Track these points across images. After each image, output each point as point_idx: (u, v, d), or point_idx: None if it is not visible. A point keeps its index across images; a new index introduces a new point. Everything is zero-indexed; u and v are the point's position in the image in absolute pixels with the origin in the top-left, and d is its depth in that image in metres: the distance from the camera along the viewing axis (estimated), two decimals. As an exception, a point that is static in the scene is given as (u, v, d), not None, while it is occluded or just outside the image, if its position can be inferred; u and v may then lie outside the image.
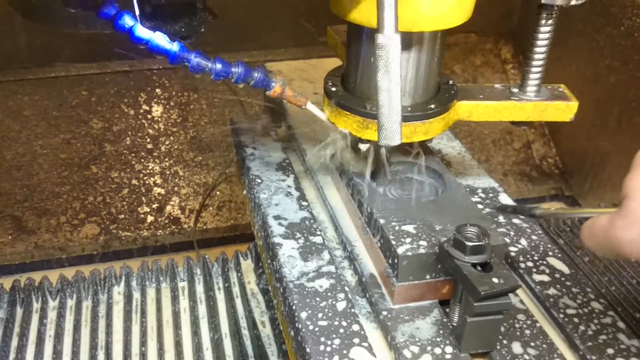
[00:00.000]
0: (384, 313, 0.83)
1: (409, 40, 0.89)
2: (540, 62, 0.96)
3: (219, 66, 0.88)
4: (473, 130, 2.36)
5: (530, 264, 0.93)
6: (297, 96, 0.97)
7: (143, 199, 2.02)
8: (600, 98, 2.28)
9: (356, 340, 0.79)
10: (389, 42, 0.76)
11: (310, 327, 0.81)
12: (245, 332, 1.38)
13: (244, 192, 1.21)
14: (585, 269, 1.46)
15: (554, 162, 2.44)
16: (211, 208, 2.04)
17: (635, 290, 1.38)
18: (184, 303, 1.45)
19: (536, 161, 2.40)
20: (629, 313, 1.32)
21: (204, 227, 2.00)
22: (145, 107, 2.16)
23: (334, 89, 0.98)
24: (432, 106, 0.94)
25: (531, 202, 2.40)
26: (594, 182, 2.38)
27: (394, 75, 0.78)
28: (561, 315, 0.84)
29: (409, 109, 0.93)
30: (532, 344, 0.79)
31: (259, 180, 1.12)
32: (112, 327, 1.38)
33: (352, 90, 0.97)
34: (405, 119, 0.89)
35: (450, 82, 1.00)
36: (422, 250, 0.81)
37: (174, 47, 0.85)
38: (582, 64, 2.33)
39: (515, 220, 1.02)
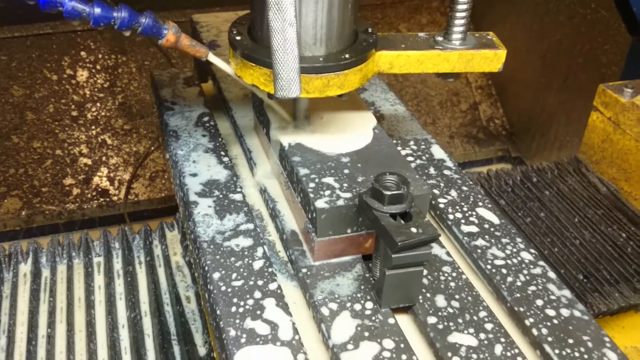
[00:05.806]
0: (304, 270, 0.77)
1: (318, -22, 0.79)
2: (465, 7, 0.88)
3: (97, 10, 0.76)
4: (419, 92, 2.31)
5: (459, 215, 0.88)
6: (196, 46, 0.85)
7: (68, 170, 1.90)
8: (547, 55, 2.25)
9: (272, 300, 0.73)
10: None
11: (223, 288, 0.74)
12: (167, 309, 1.29)
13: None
14: (527, 230, 1.43)
15: (500, 123, 2.41)
16: (143, 179, 1.93)
17: (578, 251, 1.36)
18: (98, 280, 1.33)
19: (483, 122, 2.37)
20: (572, 275, 1.30)
21: (136, 199, 1.90)
22: (69, 71, 2.01)
23: (238, 38, 0.87)
24: (347, 56, 0.84)
25: (478, 164, 2.38)
26: (541, 142, 2.37)
27: (288, 14, 0.68)
28: (488, 267, 0.79)
29: (321, 59, 0.84)
30: (457, 296, 0.74)
31: (176, 137, 1.03)
32: (16, 308, 1.26)
33: (258, 39, 0.87)
34: (317, 70, 0.81)
35: (369, 29, 0.91)
36: (341, 203, 0.75)
37: (44, -10, 0.74)
38: (529, 20, 2.29)
39: (446, 172, 0.97)
